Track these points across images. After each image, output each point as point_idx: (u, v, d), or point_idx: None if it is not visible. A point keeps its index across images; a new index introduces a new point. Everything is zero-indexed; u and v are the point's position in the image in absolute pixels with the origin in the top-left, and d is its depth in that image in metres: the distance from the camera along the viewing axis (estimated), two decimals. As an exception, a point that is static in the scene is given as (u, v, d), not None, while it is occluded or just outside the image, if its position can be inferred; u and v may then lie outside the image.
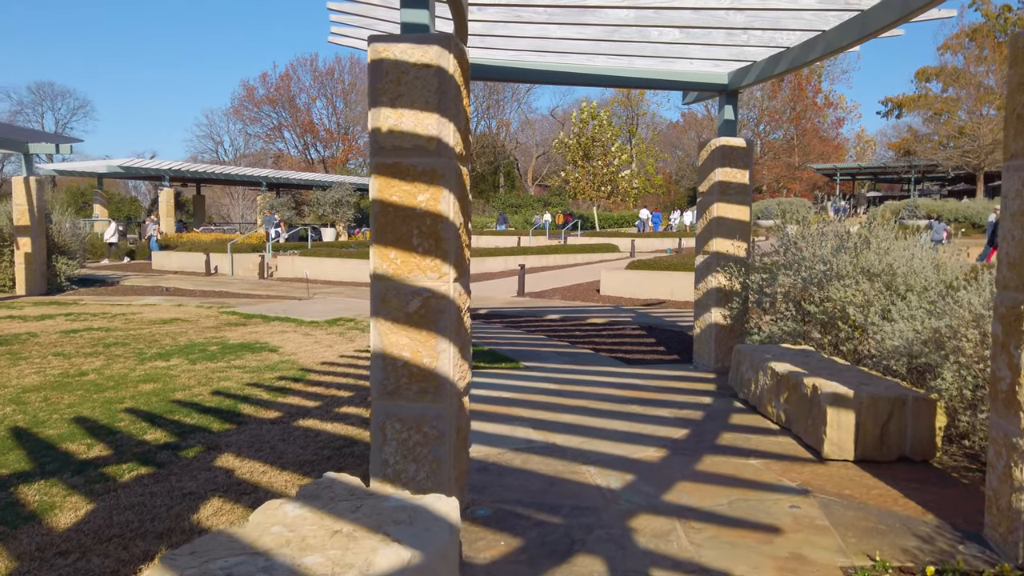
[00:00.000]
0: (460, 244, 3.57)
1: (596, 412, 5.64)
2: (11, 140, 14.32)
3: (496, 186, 65.55)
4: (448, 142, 3.41)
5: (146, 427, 5.27)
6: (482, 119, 65.59)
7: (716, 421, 5.44)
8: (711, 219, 7.29)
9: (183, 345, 8.74)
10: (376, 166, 3.45)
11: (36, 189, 14.63)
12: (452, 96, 3.41)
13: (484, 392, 6.23)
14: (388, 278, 3.48)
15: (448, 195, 3.42)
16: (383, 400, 3.53)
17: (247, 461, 4.56)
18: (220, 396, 6.24)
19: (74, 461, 4.49)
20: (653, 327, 10.33)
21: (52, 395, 6.18)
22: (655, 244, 30.17)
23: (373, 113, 3.44)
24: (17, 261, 14.70)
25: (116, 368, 7.34)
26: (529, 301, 13.70)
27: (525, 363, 7.64)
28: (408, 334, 3.49)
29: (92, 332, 9.75)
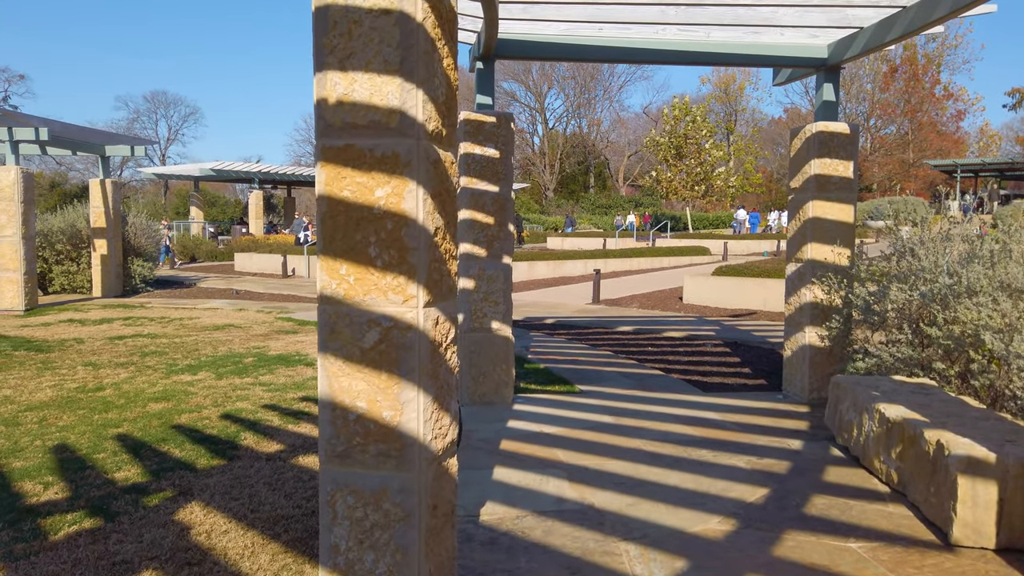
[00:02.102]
0: (437, 256, 2.63)
1: (654, 458, 4.57)
2: (88, 143, 14.44)
3: (586, 186, 64.32)
4: (415, 115, 2.47)
5: (125, 461, 4.59)
6: (572, 118, 64.50)
7: (806, 477, 4.28)
8: (805, 220, 6.05)
9: (220, 356, 8.19)
10: (322, 150, 2.55)
11: (112, 191, 14.71)
12: (421, 52, 2.47)
13: (522, 425, 5.27)
14: (338, 301, 2.58)
15: (416, 189, 2.49)
16: (332, 465, 2.63)
17: (213, 514, 3.77)
18: (227, 421, 5.54)
19: (18, 507, 3.83)
20: (738, 343, 9.07)
21: (52, 414, 5.65)
22: (751, 247, 28.29)
23: (318, 80, 2.55)
24: (94, 263, 14.83)
25: (138, 382, 6.81)
26: (602, 310, 12.61)
27: (581, 386, 6.62)
28: (364, 377, 2.58)
29: (139, 339, 9.39)
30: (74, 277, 15.33)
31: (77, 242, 15.23)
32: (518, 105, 63.60)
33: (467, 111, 5.73)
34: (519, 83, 62.63)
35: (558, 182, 62.95)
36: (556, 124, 64.88)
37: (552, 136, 63.44)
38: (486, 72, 5.93)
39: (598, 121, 65.01)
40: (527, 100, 63.83)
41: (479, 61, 5.91)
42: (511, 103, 62.93)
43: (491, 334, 5.83)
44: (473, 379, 5.82)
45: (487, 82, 5.94)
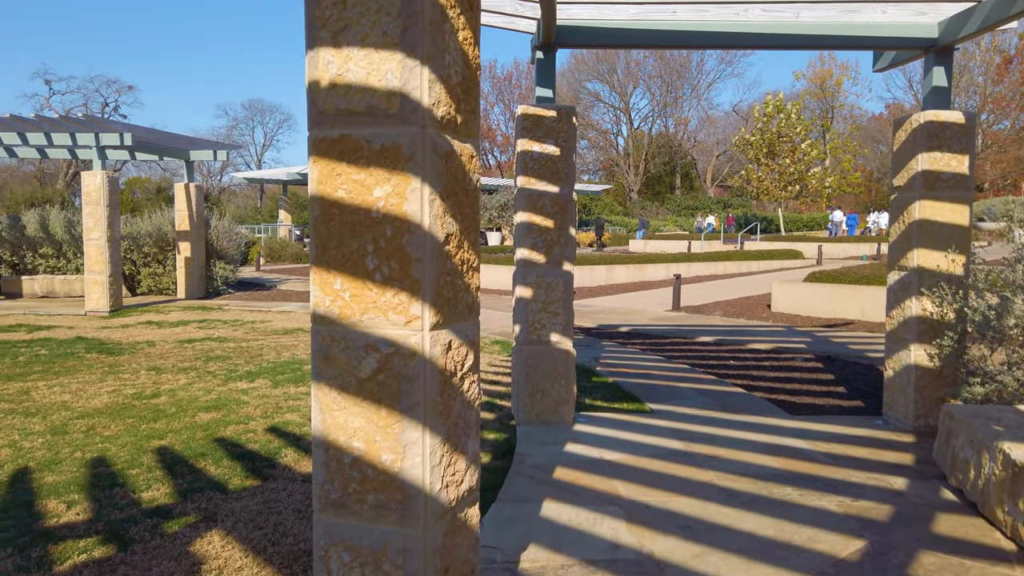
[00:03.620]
0: (449, 268, 2.18)
1: (728, 496, 3.99)
2: (173, 148, 14.80)
3: (672, 187, 62.80)
4: (419, 99, 2.04)
5: (157, 478, 4.37)
6: (658, 118, 63.07)
7: (911, 527, 3.61)
8: (911, 222, 5.30)
9: (281, 362, 8.03)
10: (314, 143, 2.16)
11: (195, 195, 15.03)
12: (427, 23, 2.04)
13: (581, 449, 4.77)
14: (332, 321, 2.18)
15: (420, 188, 2.05)
16: (326, 515, 2.23)
17: (231, 546, 3.45)
18: (272, 434, 5.28)
19: (34, 529, 3.62)
20: (832, 358, 8.24)
21: (101, 423, 5.54)
22: (848, 250, 26.68)
23: (309, 59, 2.15)
24: (178, 265, 15.18)
25: (194, 389, 6.69)
26: (682, 317, 11.90)
27: (652, 405, 6.05)
28: (361, 412, 2.16)
29: (208, 343, 9.39)
30: (160, 279, 15.77)
31: (163, 245, 15.65)
32: (602, 105, 62.73)
33: (525, 105, 5.28)
34: (603, 82, 61.73)
35: (643, 183, 61.68)
36: (641, 124, 63.61)
37: (637, 136, 62.21)
38: (546, 62, 5.46)
39: (685, 120, 63.34)
40: (611, 100, 62.84)
41: (539, 50, 5.44)
42: (595, 103, 62.14)
43: (550, 347, 5.36)
44: (529, 395, 5.36)
45: (548, 73, 5.47)
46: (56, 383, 6.93)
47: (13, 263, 15.94)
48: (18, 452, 4.83)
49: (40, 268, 15.97)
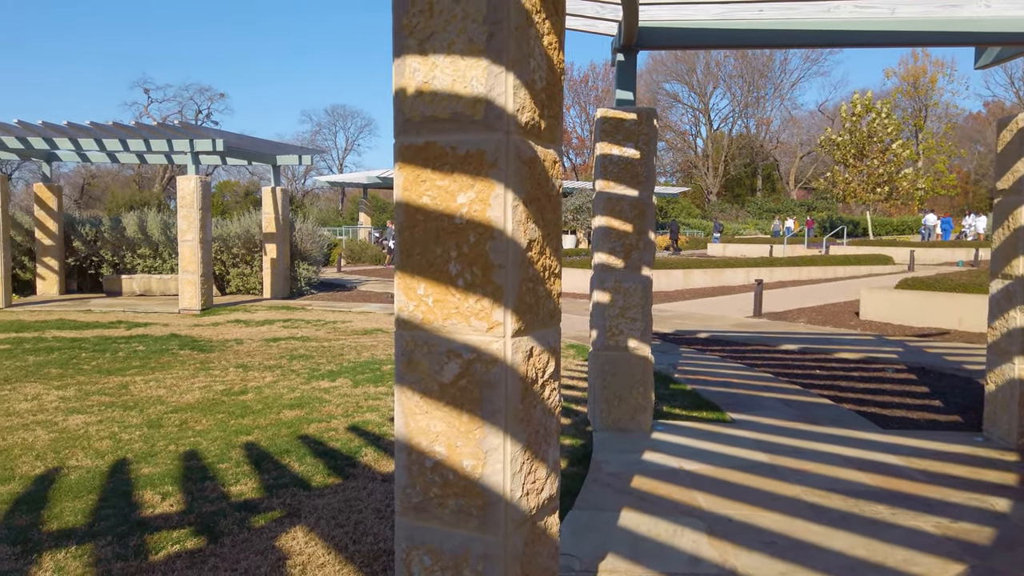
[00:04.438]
0: (531, 275, 2.17)
1: (816, 512, 3.84)
2: (260, 153, 15.37)
3: (753, 189, 61.20)
4: (503, 105, 2.04)
5: (245, 473, 4.52)
6: (739, 119, 61.60)
7: (1015, 552, 3.38)
8: (1017, 228, 4.98)
9: (361, 362, 8.21)
10: (399, 150, 2.18)
11: (281, 198, 15.56)
12: (512, 28, 2.03)
13: (659, 458, 4.68)
14: (416, 326, 2.20)
15: (504, 194, 2.05)
16: (408, 518, 2.25)
17: (314, 542, 3.54)
18: (353, 433, 5.40)
19: (132, 519, 3.80)
20: (926, 369, 7.84)
21: (193, 417, 5.79)
22: (943, 255, 25.41)
23: (396, 67, 2.18)
24: (264, 266, 15.75)
25: (279, 387, 6.91)
26: (764, 324, 11.55)
27: (733, 414, 5.89)
28: (443, 417, 2.17)
29: (292, 342, 9.70)
30: (248, 279, 16.39)
31: (251, 246, 16.27)
32: (680, 107, 61.73)
33: (604, 108, 5.23)
34: (682, 83, 60.76)
35: (722, 185, 60.35)
36: (721, 125, 62.28)
37: (717, 137, 60.93)
38: (627, 65, 5.39)
39: (767, 120, 61.65)
40: (690, 101, 61.78)
41: (620, 53, 5.38)
42: (673, 104, 61.20)
43: (627, 353, 5.28)
44: (606, 402, 5.29)
45: (628, 75, 5.40)
46: (152, 378, 7.29)
47: (114, 263, 16.87)
48: (117, 444, 5.09)
49: (138, 268, 16.85)
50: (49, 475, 4.46)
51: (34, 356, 8.47)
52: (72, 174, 51.55)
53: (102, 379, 7.23)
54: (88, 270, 17.12)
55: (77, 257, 16.82)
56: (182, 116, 52.43)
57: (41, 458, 4.76)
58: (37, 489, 4.21)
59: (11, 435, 5.27)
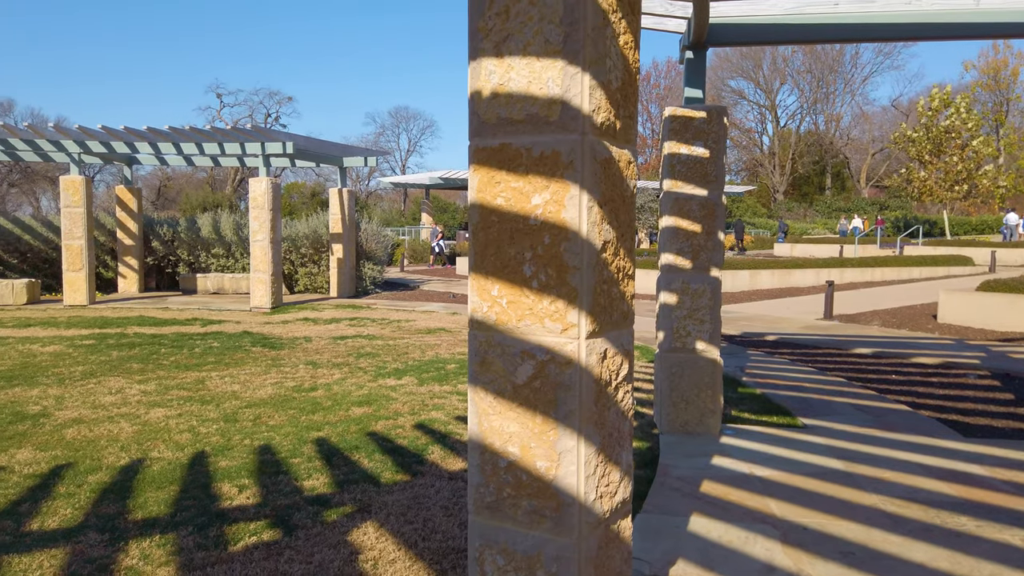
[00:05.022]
0: (606, 276, 2.16)
1: (894, 522, 3.70)
2: (328, 155, 15.72)
3: (821, 188, 59.45)
4: (579, 106, 2.03)
5: (316, 468, 4.63)
6: (807, 115, 59.91)
7: (1118, 574, 3.18)
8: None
9: (426, 360, 8.31)
10: (474, 152, 2.20)
11: (348, 199, 15.89)
12: (589, 28, 2.02)
13: (729, 463, 4.59)
14: (489, 327, 2.21)
15: (579, 195, 2.04)
16: (481, 517, 2.26)
17: (385, 538, 3.60)
18: (419, 431, 5.47)
19: (211, 510, 3.94)
20: (1011, 376, 7.47)
21: (265, 413, 5.96)
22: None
23: (472, 70, 2.20)
24: (331, 266, 16.11)
25: (347, 384, 7.06)
26: (835, 327, 11.21)
27: (805, 419, 5.73)
28: (517, 418, 2.18)
29: (358, 340, 9.89)
30: (315, 278, 16.79)
31: (318, 246, 16.66)
32: (746, 104, 60.44)
33: (673, 106, 5.16)
34: (748, 80, 59.48)
35: (789, 184, 58.83)
36: (788, 122, 60.71)
37: (784, 135, 59.42)
38: (696, 62, 5.30)
39: (837, 117, 59.78)
40: (756, 97, 60.42)
41: (689, 50, 5.30)
42: (738, 101, 59.97)
43: (695, 355, 5.20)
44: (673, 404, 5.22)
45: (698, 74, 5.32)
46: (227, 374, 7.54)
47: (190, 262, 17.53)
48: (196, 437, 5.28)
49: (212, 267, 17.46)
50: (133, 466, 4.65)
51: (117, 351, 8.87)
52: (149, 176, 53.78)
53: (180, 374, 7.52)
54: (165, 269, 17.84)
55: (156, 256, 17.53)
56: (252, 119, 54.09)
57: (126, 449, 4.98)
58: (123, 479, 4.41)
59: (98, 427, 5.52)
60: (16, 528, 3.68)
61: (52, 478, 4.42)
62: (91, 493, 4.16)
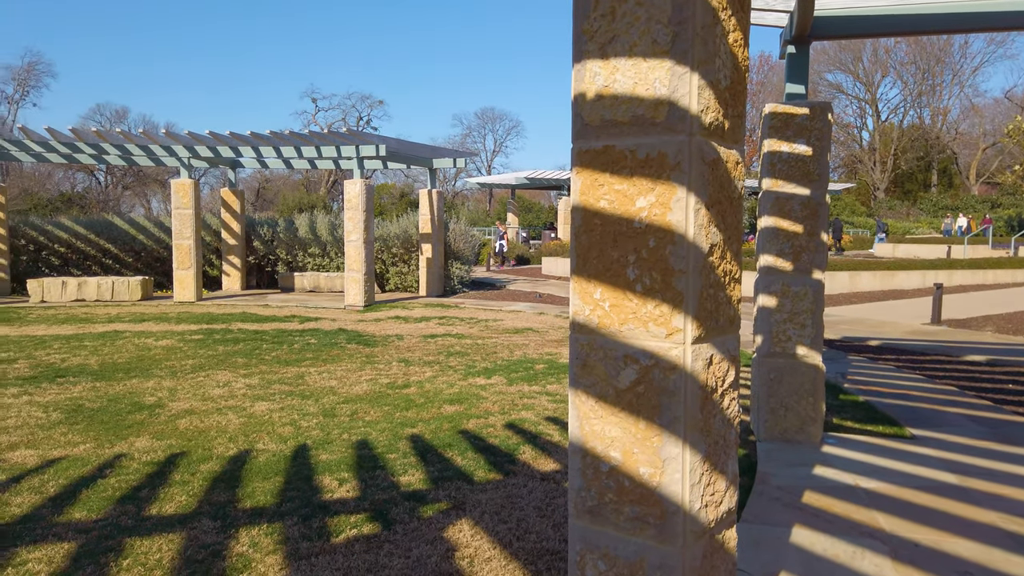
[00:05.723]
0: (712, 280, 2.11)
1: (1016, 542, 3.47)
2: (418, 157, 16.05)
3: (926, 185, 56.35)
4: (687, 106, 1.99)
5: (411, 464, 4.73)
6: (911, 109, 56.90)
7: None
8: None
9: (514, 360, 8.36)
10: (577, 155, 2.19)
11: (437, 200, 16.17)
12: (698, 28, 1.98)
13: (832, 473, 4.41)
14: (591, 330, 2.20)
15: (686, 197, 2.01)
16: (582, 521, 2.26)
17: (480, 536, 3.64)
18: (510, 431, 5.51)
19: (314, 502, 4.08)
20: None
21: (362, 409, 6.14)
22: None
23: (576, 73, 2.19)
24: (420, 265, 16.44)
25: (438, 382, 7.18)
26: (944, 332, 10.60)
27: (913, 430, 5.45)
28: (619, 423, 2.16)
29: (447, 339, 10.05)
30: (405, 277, 17.18)
31: (408, 246, 17.03)
32: (844, 98, 57.94)
33: (773, 103, 5.00)
34: (846, 73, 56.99)
35: (891, 181, 56.04)
36: (890, 116, 57.83)
37: (885, 130, 56.63)
38: (799, 57, 5.12)
39: (944, 110, 56.48)
40: (855, 91, 57.82)
41: (791, 45, 5.12)
42: (836, 96, 57.54)
43: (795, 361, 5.02)
44: (771, 411, 5.06)
45: (800, 69, 5.13)
46: (324, 370, 7.81)
47: (288, 261, 18.25)
48: (297, 430, 5.49)
49: (308, 266, 18.12)
50: (241, 456, 4.88)
51: (223, 346, 9.33)
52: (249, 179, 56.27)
53: (281, 369, 7.84)
54: (265, 268, 18.64)
55: (256, 256, 18.35)
56: (345, 123, 55.80)
57: (233, 440, 5.23)
58: (231, 469, 4.63)
59: (208, 418, 5.82)
60: (137, 512, 3.92)
61: (167, 466, 4.70)
62: (203, 481, 4.39)
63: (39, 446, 5.10)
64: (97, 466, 4.68)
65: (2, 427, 5.55)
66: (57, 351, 8.93)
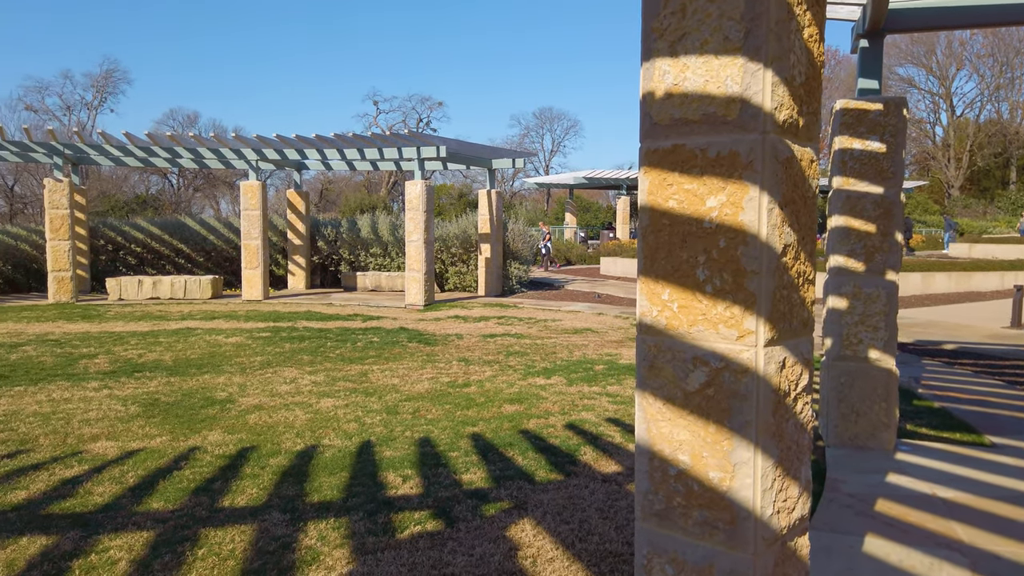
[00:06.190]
0: (785, 281, 2.06)
1: (1108, 560, 3.29)
2: (478, 157, 16.15)
3: (1004, 182, 53.82)
4: (760, 104, 1.95)
5: (473, 462, 4.77)
6: (988, 103, 54.45)
7: None
8: None
9: (574, 360, 8.34)
10: (645, 154, 2.17)
11: (496, 201, 16.25)
12: (772, 23, 1.94)
13: (906, 482, 4.26)
14: (659, 332, 2.17)
15: (759, 196, 1.97)
16: (649, 524, 2.23)
17: (542, 536, 3.65)
18: (571, 431, 5.49)
19: (379, 497, 4.15)
20: None
21: (423, 407, 6.21)
22: None
23: (644, 71, 2.17)
24: (479, 265, 16.54)
25: (498, 382, 7.22)
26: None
27: (993, 438, 5.21)
28: (687, 426, 2.13)
29: (506, 338, 10.08)
30: (464, 277, 17.32)
31: (467, 246, 17.16)
32: (916, 92, 55.82)
33: (842, 98, 4.85)
34: (918, 66, 54.88)
35: (966, 178, 53.74)
36: (966, 111, 55.45)
37: (960, 125, 54.33)
38: (872, 51, 4.96)
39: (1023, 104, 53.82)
40: (928, 85, 55.64)
41: (863, 39, 4.97)
42: (907, 90, 55.48)
43: (867, 364, 4.86)
44: (841, 416, 4.91)
45: (873, 63, 4.97)
46: (387, 368, 7.94)
47: (350, 260, 18.62)
48: (362, 427, 5.60)
49: (370, 265, 18.45)
50: (308, 451, 5.00)
51: (289, 343, 9.58)
52: (311, 180, 57.59)
53: (345, 366, 8.00)
54: (329, 267, 19.05)
55: (320, 255, 18.77)
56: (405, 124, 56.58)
57: (300, 436, 5.36)
58: (299, 463, 4.75)
59: (276, 414, 5.99)
60: (211, 504, 4.06)
61: (238, 459, 4.85)
62: (272, 475, 4.52)
63: (119, 438, 5.33)
64: (173, 458, 4.87)
65: (85, 419, 5.82)
66: (134, 347, 9.31)
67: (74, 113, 50.50)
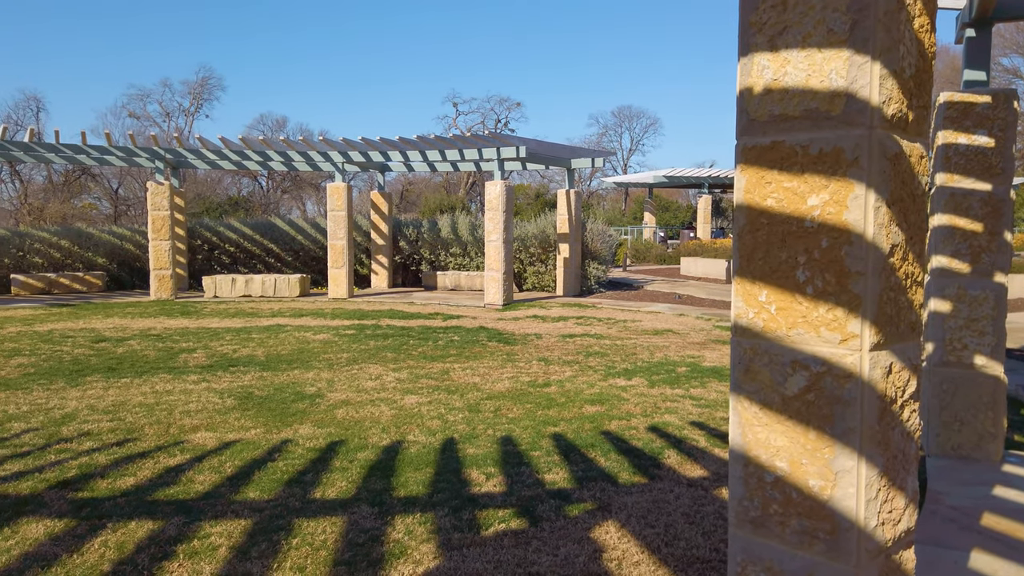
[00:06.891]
0: (892, 283, 1.97)
1: None
2: (557, 157, 16.14)
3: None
4: (866, 98, 1.88)
5: (555, 462, 4.77)
6: (1105, 91, 50.61)
7: None
8: None
9: (655, 362, 8.22)
10: (742, 151, 2.12)
11: (575, 200, 16.19)
12: (880, 14, 1.86)
13: (1015, 495, 4.01)
14: (756, 334, 2.12)
15: (864, 194, 1.89)
16: (743, 531, 2.18)
17: (627, 539, 3.61)
18: (653, 434, 5.42)
19: (463, 494, 4.20)
20: None
21: (504, 405, 6.25)
22: None
23: (742, 67, 2.12)
24: (558, 265, 16.53)
25: (578, 382, 7.19)
26: None
27: (1114, 452, 4.85)
28: (785, 431, 2.07)
29: (586, 339, 10.04)
30: (542, 277, 17.33)
31: (546, 246, 17.18)
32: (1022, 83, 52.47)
33: (948, 91, 4.61)
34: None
35: (1079, 173, 50.13)
36: (1079, 100, 51.75)
37: (1072, 115, 50.74)
38: (979, 41, 4.69)
39: None
40: (1036, 74, 52.16)
41: (970, 28, 4.71)
42: (1012, 81, 52.24)
43: (972, 371, 4.61)
44: (944, 425, 4.67)
45: (980, 53, 4.70)
46: (467, 366, 8.03)
47: (431, 260, 18.94)
48: (445, 424, 5.68)
49: (449, 265, 18.71)
50: (393, 447, 5.11)
51: (374, 341, 9.82)
52: (392, 182, 58.85)
53: (427, 364, 8.14)
54: (410, 267, 19.43)
55: (402, 255, 19.17)
56: (484, 126, 57.06)
57: (386, 431, 5.49)
58: (385, 458, 4.86)
59: (362, 409, 6.15)
60: (303, 495, 4.20)
61: (328, 452, 5.00)
62: (360, 469, 4.64)
63: (217, 429, 5.58)
64: (267, 450, 5.06)
65: (185, 411, 6.13)
66: (229, 342, 9.74)
67: (173, 119, 53.25)
